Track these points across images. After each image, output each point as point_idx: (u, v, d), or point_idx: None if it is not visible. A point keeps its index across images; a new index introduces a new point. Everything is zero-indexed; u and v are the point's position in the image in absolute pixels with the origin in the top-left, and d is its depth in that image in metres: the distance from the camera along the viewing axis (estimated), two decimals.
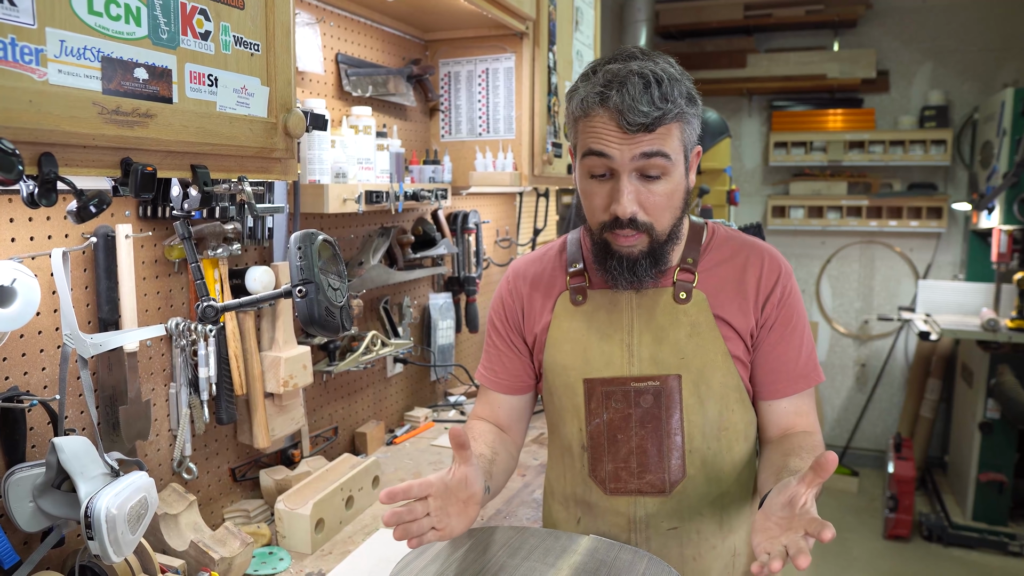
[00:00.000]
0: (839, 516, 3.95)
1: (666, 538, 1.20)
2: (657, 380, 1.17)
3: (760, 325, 1.20)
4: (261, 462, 1.63)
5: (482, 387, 1.35)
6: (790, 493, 0.96)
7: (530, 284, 1.29)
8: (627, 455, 1.19)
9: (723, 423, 1.20)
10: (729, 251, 1.23)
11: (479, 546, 1.13)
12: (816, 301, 4.69)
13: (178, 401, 1.40)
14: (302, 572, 1.36)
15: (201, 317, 1.05)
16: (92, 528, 0.98)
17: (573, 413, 1.22)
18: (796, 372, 1.22)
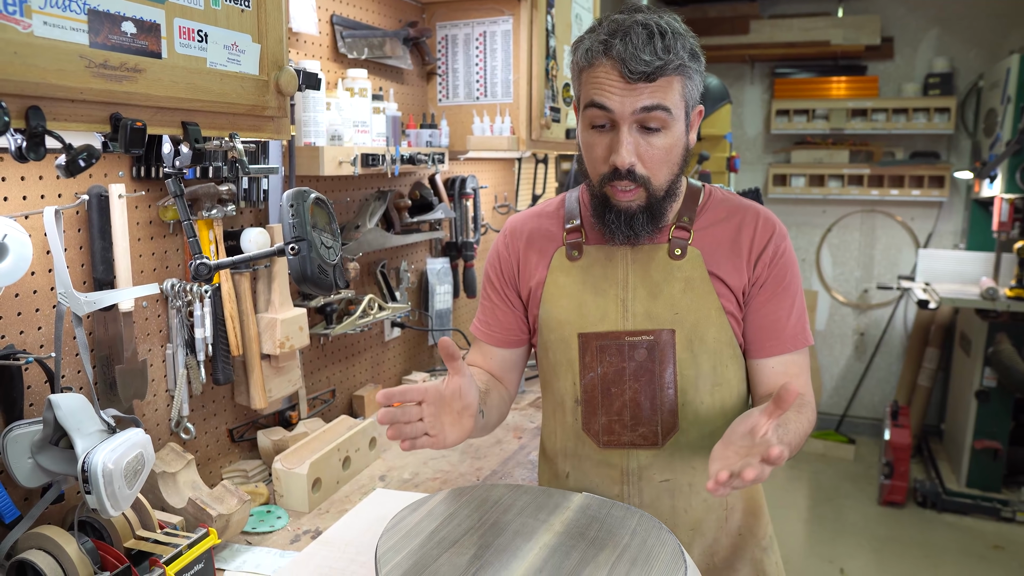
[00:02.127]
0: (835, 483, 4.00)
1: (658, 491, 1.22)
2: (651, 334, 1.19)
3: (752, 283, 1.21)
4: (259, 423, 1.65)
5: (476, 340, 1.36)
6: (751, 423, 1.00)
7: (527, 239, 1.30)
8: (620, 408, 1.21)
9: (716, 378, 1.21)
10: (725, 211, 1.24)
11: (472, 503, 1.14)
12: (816, 270, 4.69)
13: (175, 362, 1.41)
14: (299, 530, 1.38)
15: (194, 275, 1.05)
16: (89, 483, 1.00)
17: (567, 367, 1.23)
18: (786, 332, 1.23)
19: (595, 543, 1.02)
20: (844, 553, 3.26)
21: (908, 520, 3.59)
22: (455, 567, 0.96)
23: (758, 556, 1.30)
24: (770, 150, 4.68)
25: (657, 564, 0.96)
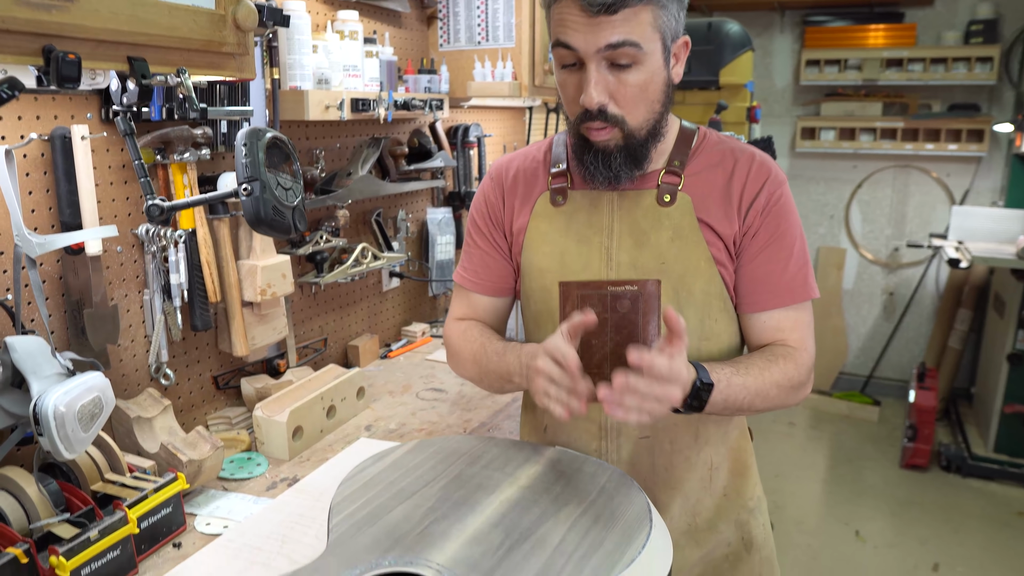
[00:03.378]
0: (857, 444, 3.92)
1: (638, 447, 1.16)
2: (635, 285, 1.11)
3: (743, 233, 1.14)
4: (245, 371, 1.63)
5: (460, 288, 1.30)
6: None
7: (511, 181, 1.24)
8: (600, 361, 1.13)
9: (704, 332, 1.15)
10: (718, 155, 1.16)
11: (439, 454, 1.11)
12: (845, 227, 4.54)
13: (152, 308, 1.39)
14: (277, 478, 1.37)
15: (147, 216, 1.02)
16: (41, 425, 0.98)
17: (548, 317, 1.18)
18: (780, 285, 1.15)
19: (559, 498, 0.98)
20: (861, 515, 3.20)
21: (930, 484, 3.50)
22: (408, 519, 0.93)
23: (744, 518, 1.25)
24: (799, 102, 4.50)
25: (621, 523, 0.92)
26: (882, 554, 2.92)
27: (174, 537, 1.17)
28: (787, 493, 3.38)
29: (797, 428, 4.11)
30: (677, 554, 1.20)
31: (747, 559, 1.24)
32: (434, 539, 0.89)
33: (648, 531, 0.89)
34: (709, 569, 1.22)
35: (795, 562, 2.86)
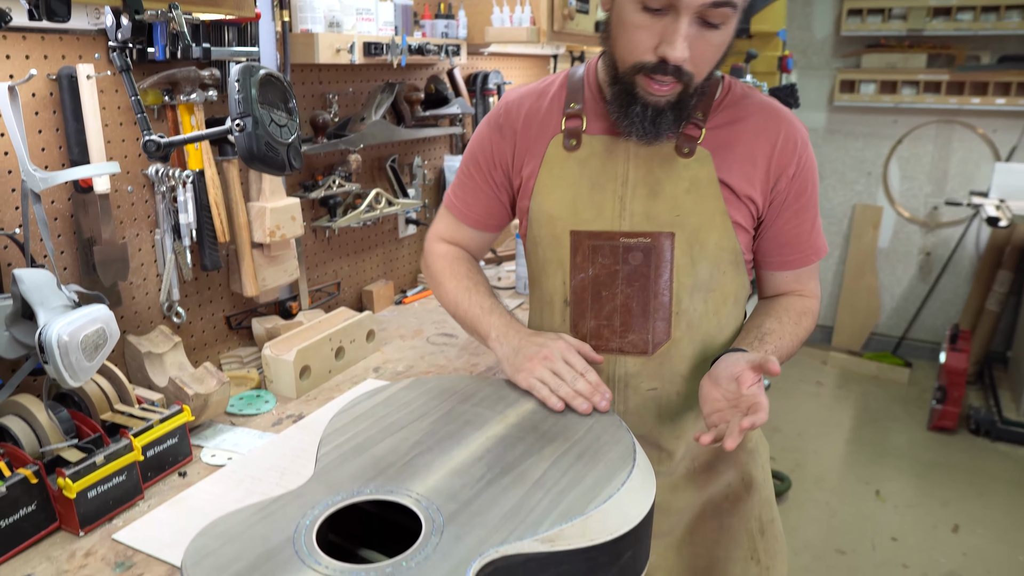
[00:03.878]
0: (885, 406, 3.86)
1: (644, 399, 1.17)
2: (648, 237, 1.11)
3: (770, 201, 1.13)
4: (258, 312, 1.67)
5: (448, 212, 1.31)
6: (739, 370, 1.01)
7: (523, 121, 1.19)
8: (610, 313, 1.14)
9: (712, 284, 1.15)
10: (743, 111, 1.12)
11: (433, 391, 1.12)
12: (883, 184, 4.41)
13: (163, 247, 1.42)
14: (284, 414, 1.40)
15: (145, 152, 1.03)
16: (46, 353, 1.02)
17: (557, 265, 1.17)
18: (806, 246, 1.18)
19: (545, 436, 0.99)
20: (883, 475, 3.17)
21: (957, 447, 3.45)
22: (394, 451, 0.95)
23: (743, 459, 1.25)
24: (839, 54, 4.35)
25: (603, 461, 0.93)
26: (901, 514, 2.90)
27: (180, 467, 1.22)
28: (809, 451, 3.36)
29: (824, 388, 4.07)
30: (678, 495, 1.21)
31: (747, 499, 1.24)
32: (417, 470, 0.90)
33: (630, 470, 0.90)
34: (709, 509, 1.22)
35: (812, 518, 2.85)
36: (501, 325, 1.14)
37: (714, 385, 1.04)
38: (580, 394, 1.02)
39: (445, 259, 1.28)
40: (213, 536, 0.80)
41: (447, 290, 1.24)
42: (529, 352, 1.08)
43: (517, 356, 1.09)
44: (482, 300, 1.20)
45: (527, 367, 1.06)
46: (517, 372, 1.07)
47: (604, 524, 0.82)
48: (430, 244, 1.32)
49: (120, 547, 1.03)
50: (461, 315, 1.22)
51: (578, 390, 1.02)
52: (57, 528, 1.07)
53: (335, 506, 0.84)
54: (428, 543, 0.77)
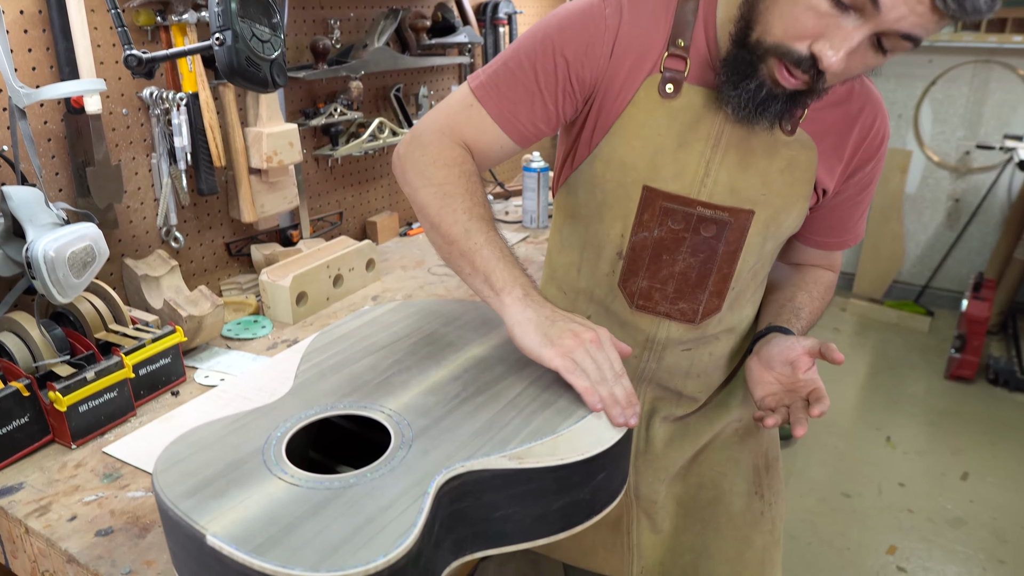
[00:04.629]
0: (903, 354, 3.81)
1: (678, 357, 1.14)
2: (728, 212, 1.00)
3: (838, 191, 1.08)
4: (258, 239, 1.67)
5: (477, 104, 1.00)
6: (794, 356, 0.98)
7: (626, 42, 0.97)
8: (667, 278, 1.06)
9: (769, 261, 1.12)
10: (844, 93, 1.01)
11: (419, 314, 1.12)
12: (913, 128, 4.26)
13: (159, 171, 1.41)
14: (279, 339, 1.41)
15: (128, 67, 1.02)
16: (32, 268, 1.03)
17: (619, 215, 1.04)
18: (851, 232, 1.15)
19: (523, 359, 0.98)
20: (895, 423, 3.15)
21: (974, 396, 3.40)
22: (373, 369, 0.95)
23: None
24: None
25: None
26: (911, 460, 2.88)
27: (173, 387, 1.23)
28: None
29: (842, 335, 4.02)
30: (690, 431, 1.20)
31: (756, 434, 1.24)
32: (393, 388, 0.90)
33: None
34: (718, 443, 1.22)
35: (820, 461, 2.85)
36: (528, 284, 0.90)
37: (766, 368, 1.01)
38: (619, 402, 0.84)
39: (462, 171, 0.96)
40: (186, 444, 0.81)
41: (457, 209, 0.93)
42: (570, 328, 0.85)
43: (552, 327, 0.86)
44: (501, 244, 0.93)
45: (566, 344, 0.84)
46: (549, 344, 0.84)
47: (575, 444, 0.81)
48: (432, 139, 1.00)
49: (109, 459, 1.06)
50: (468, 249, 0.92)
51: (616, 396, 0.84)
52: (51, 441, 1.09)
53: (307, 419, 0.84)
54: (395, 456, 0.78)
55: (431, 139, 1.00)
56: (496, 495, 0.78)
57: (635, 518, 1.21)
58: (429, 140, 1.00)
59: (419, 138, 1.01)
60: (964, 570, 2.31)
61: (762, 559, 1.22)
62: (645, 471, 1.18)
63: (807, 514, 2.55)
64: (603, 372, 0.84)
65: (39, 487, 1.00)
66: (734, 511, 1.21)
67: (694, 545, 1.21)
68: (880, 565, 2.33)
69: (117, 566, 0.85)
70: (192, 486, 0.74)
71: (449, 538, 0.77)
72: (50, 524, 0.92)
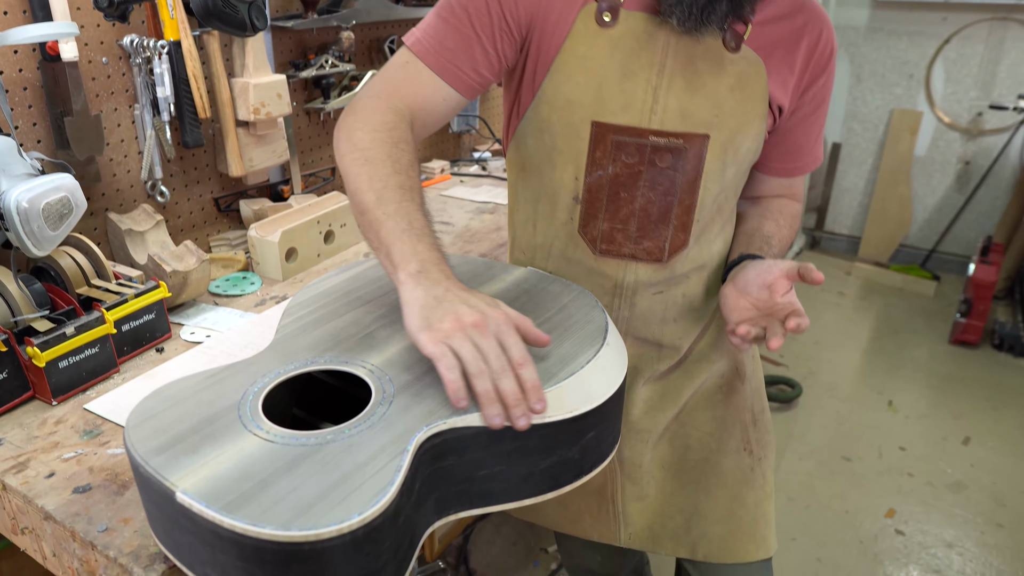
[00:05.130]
0: (907, 318, 3.78)
1: (651, 301, 1.10)
2: (682, 139, 0.98)
3: (794, 109, 1.05)
4: (247, 194, 1.63)
5: (414, 60, 0.98)
6: (771, 279, 0.94)
7: None
8: (627, 216, 1.03)
9: (733, 190, 1.08)
10: (787, 6, 1.00)
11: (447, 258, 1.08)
12: (924, 88, 4.17)
13: (143, 122, 1.37)
14: (268, 295, 1.38)
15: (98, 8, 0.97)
16: (5, 219, 0.99)
17: (570, 158, 1.02)
18: (810, 154, 1.12)
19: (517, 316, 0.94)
20: (897, 387, 3.13)
21: (978, 361, 3.38)
22: (356, 324, 0.92)
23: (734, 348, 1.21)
24: None
25: (572, 338, 0.88)
26: (912, 424, 2.86)
27: (158, 343, 1.21)
28: (823, 360, 3.31)
29: (846, 298, 3.98)
30: (671, 388, 1.17)
31: (740, 389, 1.21)
32: (376, 343, 0.87)
33: (598, 349, 0.86)
34: (703, 400, 1.19)
35: (821, 425, 2.84)
36: (429, 260, 0.81)
37: (741, 294, 0.98)
38: (502, 398, 0.72)
39: (390, 136, 0.91)
40: (160, 399, 0.78)
41: (374, 176, 0.86)
42: (454, 309, 0.75)
43: (437, 308, 0.76)
44: (412, 214, 0.84)
45: (443, 328, 0.73)
46: (426, 328, 0.74)
47: (563, 401, 0.78)
48: (366, 105, 0.95)
49: (91, 416, 1.03)
50: (375, 219, 0.84)
51: (502, 390, 0.72)
52: (31, 397, 1.07)
53: (285, 375, 0.82)
54: (375, 412, 0.75)
55: (364, 105, 0.96)
56: (480, 453, 0.76)
57: (619, 485, 1.18)
58: (363, 106, 0.95)
59: (354, 105, 0.97)
60: (962, 533, 2.30)
61: (755, 515, 1.20)
62: (628, 435, 1.16)
63: (806, 477, 2.54)
64: (486, 363, 0.72)
65: (18, 444, 0.98)
66: (724, 470, 1.19)
67: (684, 507, 1.19)
68: (879, 528, 2.32)
69: (94, 523, 0.83)
70: (164, 442, 0.71)
71: (431, 497, 0.75)
72: (27, 481, 0.90)
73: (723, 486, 1.19)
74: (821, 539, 2.27)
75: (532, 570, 2.14)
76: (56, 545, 0.88)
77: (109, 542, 0.80)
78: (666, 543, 1.20)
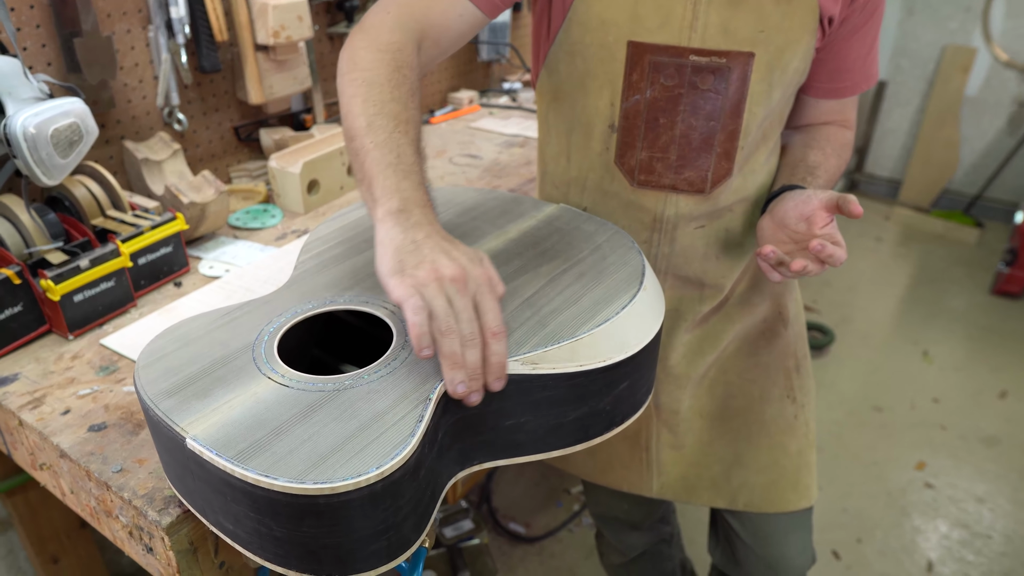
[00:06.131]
0: (947, 266, 3.65)
1: (692, 236, 1.03)
2: (724, 57, 0.90)
3: (843, 19, 0.95)
4: (268, 123, 1.57)
5: None
6: (809, 211, 0.87)
7: None
8: (667, 144, 0.96)
9: (779, 114, 1.00)
10: None
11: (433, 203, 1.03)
12: (982, 23, 3.93)
13: (158, 45, 1.31)
14: (289, 229, 1.34)
15: None
16: (12, 146, 0.95)
17: (605, 83, 0.95)
18: (862, 73, 1.02)
19: (545, 254, 0.89)
20: (933, 337, 3.04)
21: (1019, 313, 3.26)
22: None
23: (779, 291, 1.15)
24: None
25: (606, 282, 0.83)
26: (947, 376, 2.79)
27: (176, 277, 1.17)
28: (857, 307, 3.22)
29: (884, 244, 3.86)
30: (709, 330, 1.12)
31: (783, 334, 1.15)
32: None
33: (634, 294, 0.80)
34: (745, 346, 1.14)
35: (851, 374, 2.77)
36: (413, 200, 0.72)
37: (779, 227, 0.92)
38: (466, 365, 0.65)
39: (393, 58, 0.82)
40: (172, 338, 0.74)
41: (368, 99, 0.78)
42: (432, 257, 0.67)
43: (414, 252, 0.68)
44: (403, 147, 0.76)
45: (417, 275, 0.66)
46: (398, 272, 0.66)
47: (596, 349, 0.73)
48: (374, 22, 0.87)
49: (107, 352, 1.00)
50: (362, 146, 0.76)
51: (466, 360, 0.65)
52: (48, 331, 1.04)
53: (303, 315, 0.77)
54: (396, 357, 0.70)
55: (373, 22, 0.87)
56: (507, 402, 0.71)
57: (655, 432, 1.14)
58: (371, 24, 0.87)
59: (362, 23, 0.88)
60: (994, 488, 2.25)
61: (798, 464, 1.16)
62: (665, 380, 1.11)
63: (835, 426, 2.49)
64: (457, 323, 0.64)
65: (34, 379, 0.95)
66: (766, 418, 1.15)
67: (723, 456, 1.15)
68: (907, 480, 2.28)
69: (108, 463, 0.80)
70: (175, 384, 0.67)
71: (455, 447, 0.71)
72: (43, 417, 0.88)
73: (766, 434, 1.15)
74: (847, 490, 2.23)
75: (555, 511, 2.14)
76: (73, 483, 0.86)
77: (124, 483, 0.77)
78: (703, 493, 1.17)
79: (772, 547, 1.19)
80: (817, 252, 0.83)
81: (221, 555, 0.79)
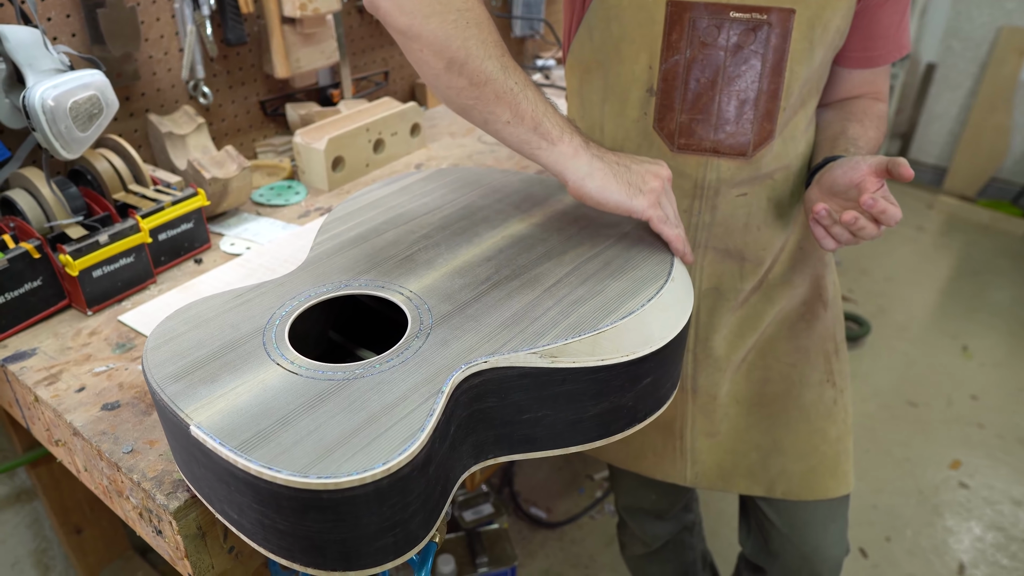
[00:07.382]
0: (990, 258, 3.53)
1: (734, 205, 1.00)
2: (765, 13, 0.89)
3: None
4: (295, 98, 1.54)
5: None
6: (858, 176, 0.84)
7: None
8: (706, 105, 0.94)
9: (819, 76, 0.97)
10: None
11: (456, 183, 1.00)
12: None
13: (183, 17, 1.28)
14: (313, 207, 1.32)
15: None
16: (31, 118, 0.93)
17: (643, 45, 0.94)
18: (894, 40, 0.99)
19: (570, 240, 0.85)
20: (974, 331, 2.94)
21: None
22: (396, 244, 0.84)
23: (819, 271, 1.11)
24: None
25: (633, 272, 0.79)
26: (986, 372, 2.70)
27: (196, 254, 1.16)
28: (895, 298, 3.13)
29: (925, 233, 3.74)
30: (749, 311, 1.08)
31: (823, 316, 1.11)
32: (416, 267, 0.80)
33: (662, 284, 0.76)
34: (784, 329, 1.10)
35: (886, 367, 2.70)
36: (579, 131, 0.80)
37: (828, 195, 0.89)
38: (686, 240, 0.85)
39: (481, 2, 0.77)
40: (182, 320, 0.72)
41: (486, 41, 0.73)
42: (643, 171, 0.80)
43: (631, 171, 0.79)
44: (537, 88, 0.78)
45: (654, 188, 0.80)
46: (639, 192, 0.78)
47: (619, 343, 0.70)
48: None
49: (124, 328, 0.99)
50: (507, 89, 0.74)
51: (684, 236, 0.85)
52: (67, 306, 1.04)
53: (316, 298, 0.75)
54: (409, 346, 0.68)
55: None
56: (524, 396, 0.68)
57: (690, 419, 1.11)
58: None
59: None
60: None
61: (837, 450, 1.13)
62: (705, 363, 1.07)
63: (867, 420, 2.43)
64: (676, 213, 0.84)
65: (51, 354, 0.95)
66: (806, 403, 1.11)
67: (761, 443, 1.12)
68: (941, 479, 2.21)
69: (119, 443, 0.79)
70: (182, 368, 0.66)
71: (468, 440, 0.68)
72: (58, 394, 0.87)
73: (805, 420, 1.11)
74: (878, 485, 2.17)
75: (577, 497, 2.12)
76: (87, 461, 0.85)
77: (134, 464, 0.76)
78: (739, 481, 1.14)
79: (809, 537, 1.16)
80: (869, 207, 0.79)
81: (231, 540, 0.78)
